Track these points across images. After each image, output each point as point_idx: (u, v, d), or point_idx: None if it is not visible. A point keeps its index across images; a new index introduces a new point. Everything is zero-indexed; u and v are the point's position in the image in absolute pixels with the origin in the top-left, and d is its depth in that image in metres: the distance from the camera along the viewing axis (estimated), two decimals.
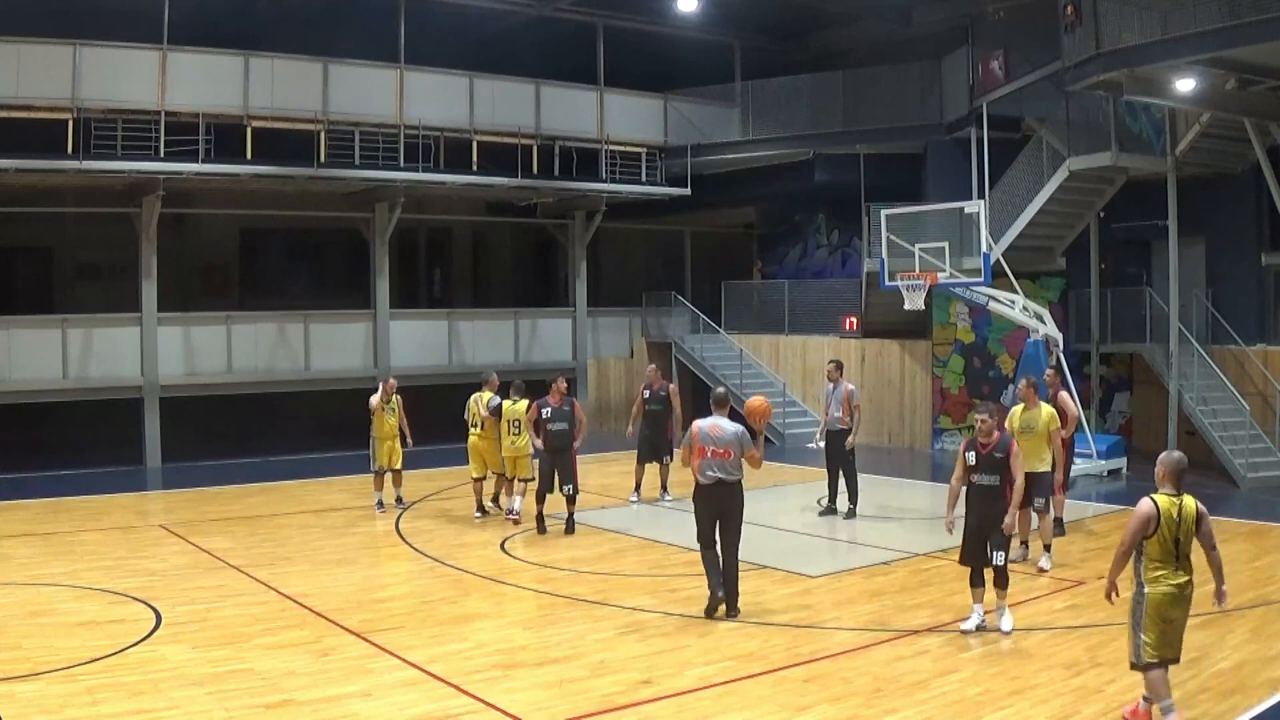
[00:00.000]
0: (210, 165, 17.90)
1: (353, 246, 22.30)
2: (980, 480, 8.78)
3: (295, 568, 11.14)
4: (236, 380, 19.52)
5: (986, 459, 8.77)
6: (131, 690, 7.32)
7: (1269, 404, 16.98)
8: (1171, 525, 6.60)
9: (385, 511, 14.09)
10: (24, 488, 15.85)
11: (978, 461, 8.79)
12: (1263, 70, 14.85)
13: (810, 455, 19.50)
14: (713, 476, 9.10)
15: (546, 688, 7.48)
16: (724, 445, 9.07)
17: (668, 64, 23.29)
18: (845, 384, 13.74)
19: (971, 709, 7.06)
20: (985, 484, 8.76)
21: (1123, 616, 9.04)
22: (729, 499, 9.15)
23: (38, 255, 21.59)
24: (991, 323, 19.34)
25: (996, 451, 8.77)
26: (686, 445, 9.37)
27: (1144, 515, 6.62)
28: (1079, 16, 15.34)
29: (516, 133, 20.99)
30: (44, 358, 17.87)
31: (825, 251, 24.64)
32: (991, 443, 8.80)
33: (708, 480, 9.12)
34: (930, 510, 13.72)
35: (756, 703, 7.21)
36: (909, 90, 21.69)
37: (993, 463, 8.75)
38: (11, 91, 16.49)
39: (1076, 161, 17.62)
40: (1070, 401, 12.44)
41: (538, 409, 12.78)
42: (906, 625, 8.96)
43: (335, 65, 19.27)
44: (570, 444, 12.76)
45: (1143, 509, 6.64)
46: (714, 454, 9.09)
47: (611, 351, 24.30)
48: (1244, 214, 18.05)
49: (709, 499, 9.19)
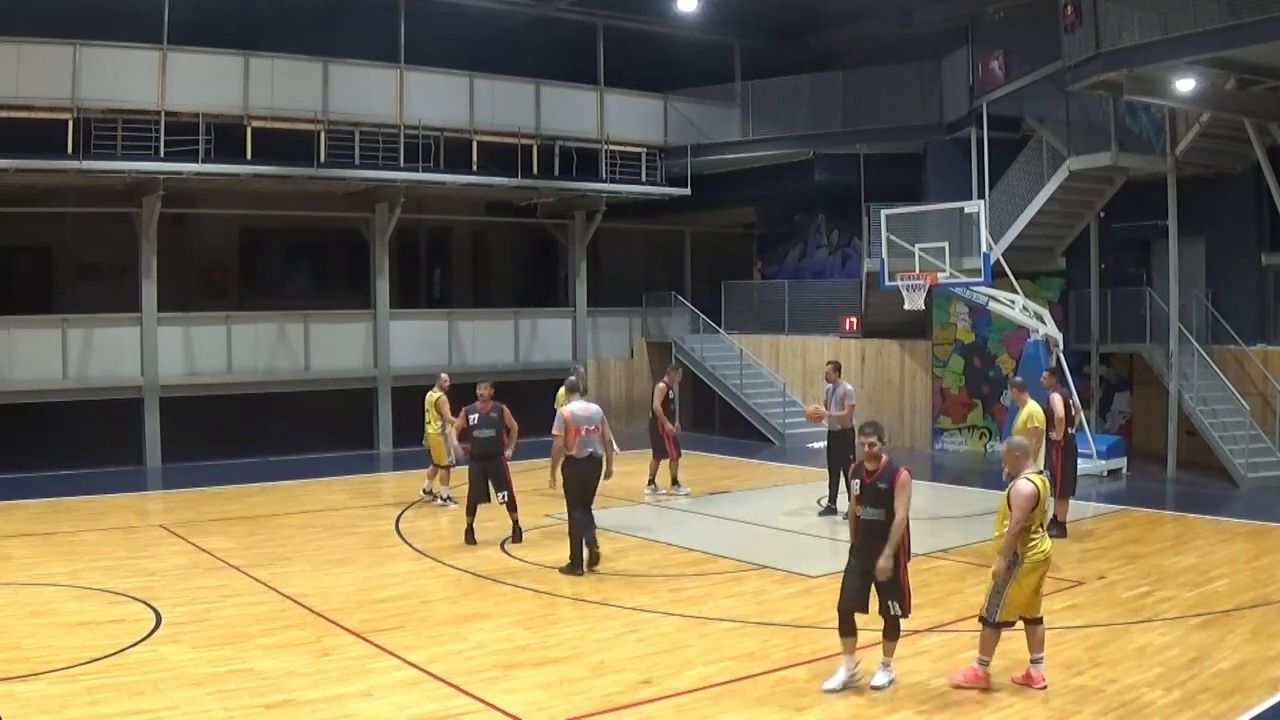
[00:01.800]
0: (210, 165, 17.90)
1: (353, 246, 22.30)
2: (865, 514, 7.51)
3: (295, 568, 11.14)
4: (236, 380, 19.52)
5: (870, 489, 7.45)
6: (131, 690, 7.33)
7: (1269, 404, 16.98)
8: (1045, 500, 7.41)
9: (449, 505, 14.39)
10: (24, 488, 15.85)
11: (862, 492, 7.53)
12: (1263, 70, 14.85)
13: (810, 455, 19.54)
14: (587, 451, 10.66)
15: (546, 688, 7.49)
16: (594, 423, 10.74)
17: (668, 64, 23.29)
18: (844, 384, 13.75)
19: (972, 709, 7.06)
20: (869, 519, 7.46)
21: (1125, 616, 9.09)
22: (598, 468, 10.82)
23: (38, 255, 21.60)
24: (991, 323, 19.34)
25: (880, 481, 7.40)
26: (561, 429, 10.68)
27: (1033, 494, 7.26)
28: (1079, 16, 15.34)
29: (516, 133, 20.99)
30: (44, 358, 17.86)
31: (825, 251, 24.64)
32: (877, 470, 7.46)
33: (584, 455, 10.66)
34: (930, 510, 13.72)
35: (756, 703, 7.21)
36: (909, 90, 21.69)
37: (876, 494, 7.42)
38: (11, 91, 16.48)
39: (1076, 161, 17.62)
40: (1059, 404, 12.17)
41: (465, 416, 12.35)
42: (906, 625, 8.94)
43: (335, 65, 19.27)
44: (500, 451, 12.24)
45: (1029, 489, 7.26)
46: (588, 432, 10.68)
47: (611, 351, 24.30)
48: (1244, 214, 18.04)
49: (585, 470, 10.70)
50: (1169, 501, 15.37)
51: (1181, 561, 11.17)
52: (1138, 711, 6.94)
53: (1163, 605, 9.45)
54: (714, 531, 12.98)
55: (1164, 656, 8.01)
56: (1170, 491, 16.11)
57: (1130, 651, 8.15)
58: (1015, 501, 7.23)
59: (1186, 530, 12.99)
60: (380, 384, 20.81)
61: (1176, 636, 8.51)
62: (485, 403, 12.38)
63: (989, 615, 7.35)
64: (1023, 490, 7.23)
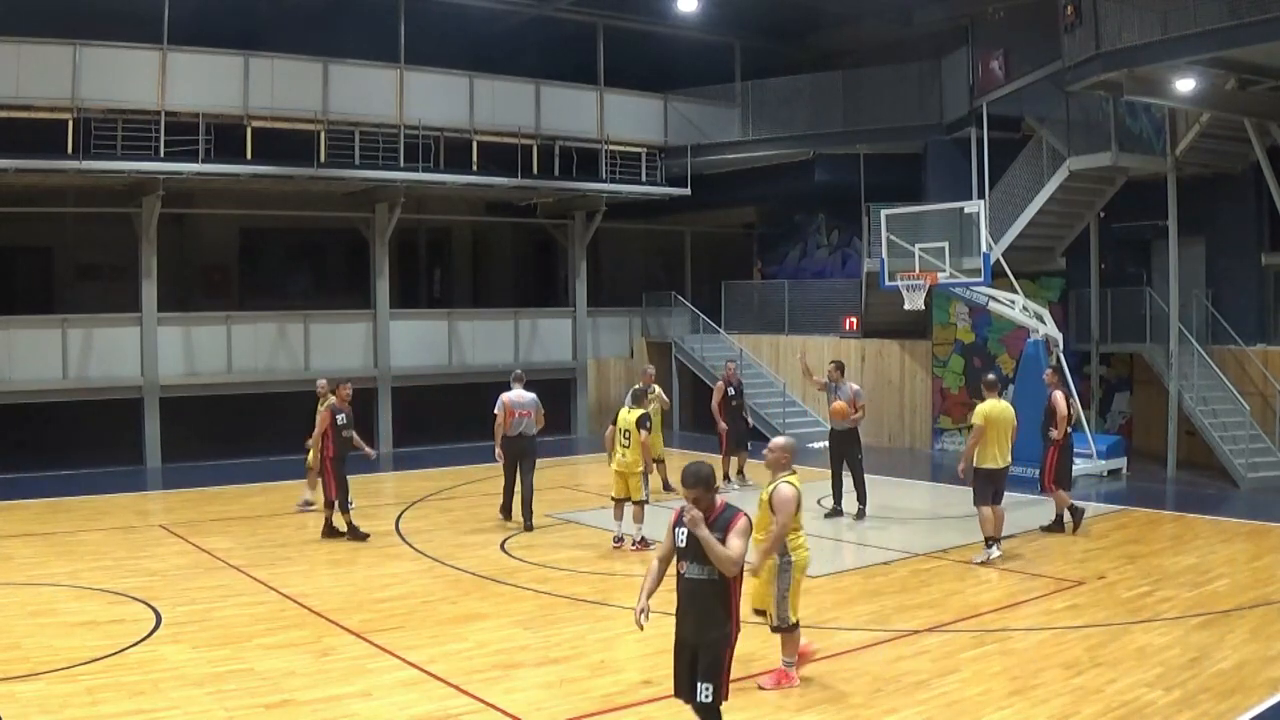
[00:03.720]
0: (210, 165, 17.90)
1: (353, 246, 22.30)
2: (688, 572, 5.76)
3: (295, 568, 11.14)
4: (236, 380, 19.52)
5: (693, 543, 5.68)
6: (131, 690, 7.33)
7: (1269, 404, 16.98)
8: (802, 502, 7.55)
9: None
10: (24, 488, 15.85)
11: (686, 544, 5.73)
12: (1263, 70, 14.85)
13: (810, 455, 19.53)
14: (518, 430, 12.84)
15: (546, 688, 7.49)
16: (526, 408, 12.91)
17: (668, 64, 23.29)
18: (849, 384, 13.71)
19: (971, 709, 7.06)
20: (693, 578, 5.75)
21: (1125, 616, 9.09)
22: (529, 446, 13.01)
23: (38, 255, 21.59)
24: (991, 323, 19.34)
25: (715, 530, 5.66)
26: (500, 411, 12.78)
27: (794, 497, 7.40)
28: (1079, 16, 15.34)
29: (516, 133, 20.99)
30: (44, 358, 17.86)
31: (825, 251, 24.64)
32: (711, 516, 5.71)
33: (515, 433, 12.85)
34: (930, 510, 13.72)
35: (756, 703, 7.21)
36: (909, 90, 21.69)
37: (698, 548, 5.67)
38: (11, 91, 16.48)
39: (1076, 161, 17.62)
40: (1061, 403, 12.46)
41: (331, 414, 12.35)
42: (906, 625, 8.96)
43: (335, 65, 19.27)
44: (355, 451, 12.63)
45: (791, 492, 7.40)
46: (521, 414, 12.85)
47: (611, 351, 24.29)
48: (1244, 214, 18.04)
49: (517, 447, 12.91)
50: (1169, 501, 15.37)
51: (1181, 561, 11.17)
52: (1138, 711, 6.93)
53: (1163, 605, 9.45)
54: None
55: (1164, 656, 8.00)
56: (1170, 491, 16.11)
57: (1130, 651, 8.14)
58: (778, 505, 7.36)
59: (1186, 530, 12.99)
60: (380, 384, 20.80)
61: (1176, 636, 8.51)
62: (346, 403, 12.51)
63: (782, 621, 7.53)
64: (784, 494, 7.37)
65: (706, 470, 5.74)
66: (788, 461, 7.58)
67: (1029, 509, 13.18)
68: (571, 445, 22.07)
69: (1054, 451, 12.42)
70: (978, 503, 11.28)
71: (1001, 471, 11.23)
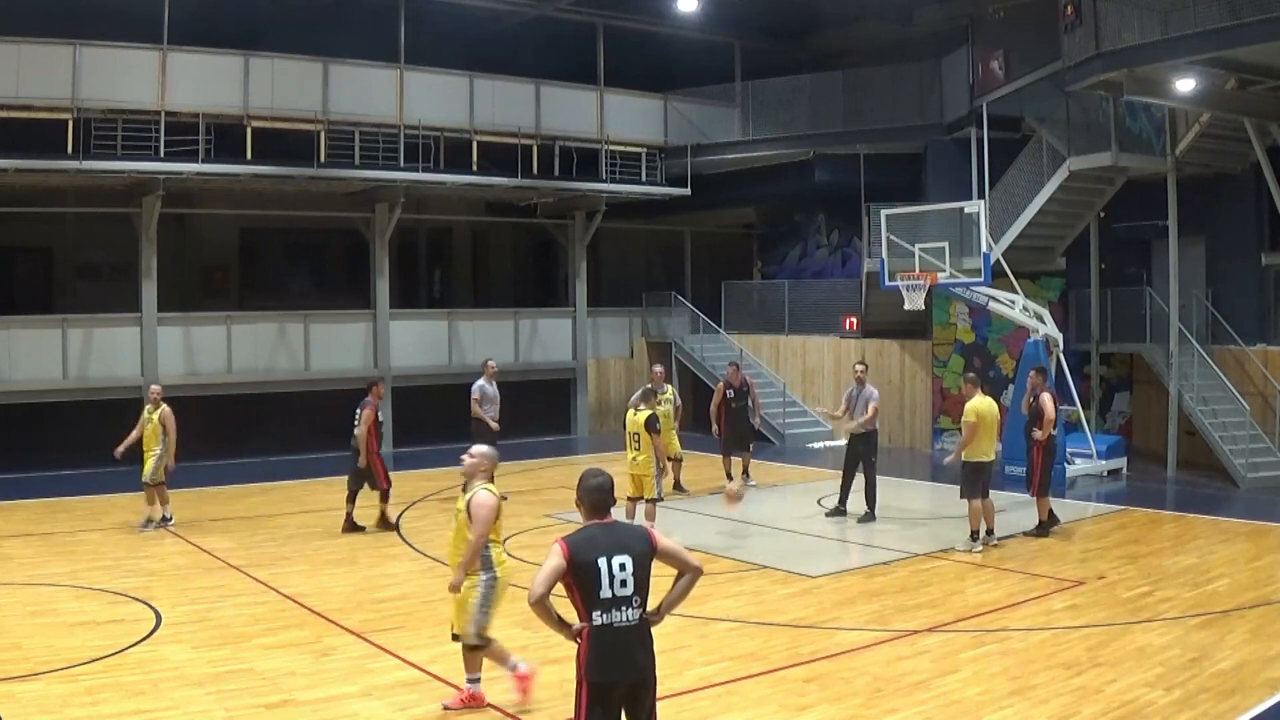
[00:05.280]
0: (210, 165, 17.90)
1: (353, 246, 22.30)
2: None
3: (295, 568, 11.14)
4: (236, 380, 19.51)
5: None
6: (131, 690, 7.32)
7: (1269, 404, 16.97)
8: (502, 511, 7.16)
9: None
10: (24, 488, 15.85)
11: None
12: (1263, 70, 14.85)
13: (810, 455, 19.55)
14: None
15: (546, 688, 7.48)
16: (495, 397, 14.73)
17: (668, 64, 23.28)
18: (870, 388, 13.72)
19: (971, 709, 7.06)
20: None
21: (1125, 616, 9.09)
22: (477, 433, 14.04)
23: (38, 255, 21.57)
24: (991, 323, 19.34)
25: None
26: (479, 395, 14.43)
27: (494, 504, 7.01)
28: (1079, 16, 15.34)
29: (516, 133, 20.98)
30: (44, 358, 17.85)
31: (825, 251, 24.63)
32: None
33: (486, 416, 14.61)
34: (930, 510, 13.73)
35: (756, 703, 7.21)
36: (909, 90, 21.68)
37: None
38: (11, 91, 16.47)
39: (1076, 161, 17.62)
40: (1049, 403, 12.52)
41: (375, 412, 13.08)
42: (906, 625, 8.96)
43: (335, 65, 19.26)
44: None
45: (491, 500, 6.99)
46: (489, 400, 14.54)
47: (611, 351, 24.29)
48: (1244, 214, 18.03)
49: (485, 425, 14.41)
50: (1169, 501, 15.37)
51: (1181, 561, 11.17)
52: (1138, 711, 6.93)
53: (1163, 605, 9.45)
54: (714, 531, 12.98)
55: (1164, 656, 8.00)
56: (1170, 491, 16.11)
57: (1130, 651, 8.14)
58: (476, 513, 6.93)
59: (1186, 530, 12.99)
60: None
61: (1176, 636, 8.51)
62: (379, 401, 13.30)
63: (475, 636, 7.05)
64: (483, 501, 6.94)
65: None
66: (488, 469, 7.14)
67: (1029, 509, 13.17)
68: (571, 445, 22.08)
69: (1039, 453, 12.44)
70: (968, 496, 11.73)
71: (991, 464, 11.98)
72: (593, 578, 4.86)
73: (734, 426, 16.00)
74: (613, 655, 4.86)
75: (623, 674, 4.88)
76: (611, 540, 4.95)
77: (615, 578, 4.86)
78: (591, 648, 4.87)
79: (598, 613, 4.86)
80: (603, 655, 4.85)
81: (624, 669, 4.88)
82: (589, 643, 4.88)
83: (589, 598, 4.87)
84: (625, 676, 4.89)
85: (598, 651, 4.86)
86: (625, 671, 4.89)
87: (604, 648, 4.85)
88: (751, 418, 16.32)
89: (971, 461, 11.77)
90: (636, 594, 4.90)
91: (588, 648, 4.88)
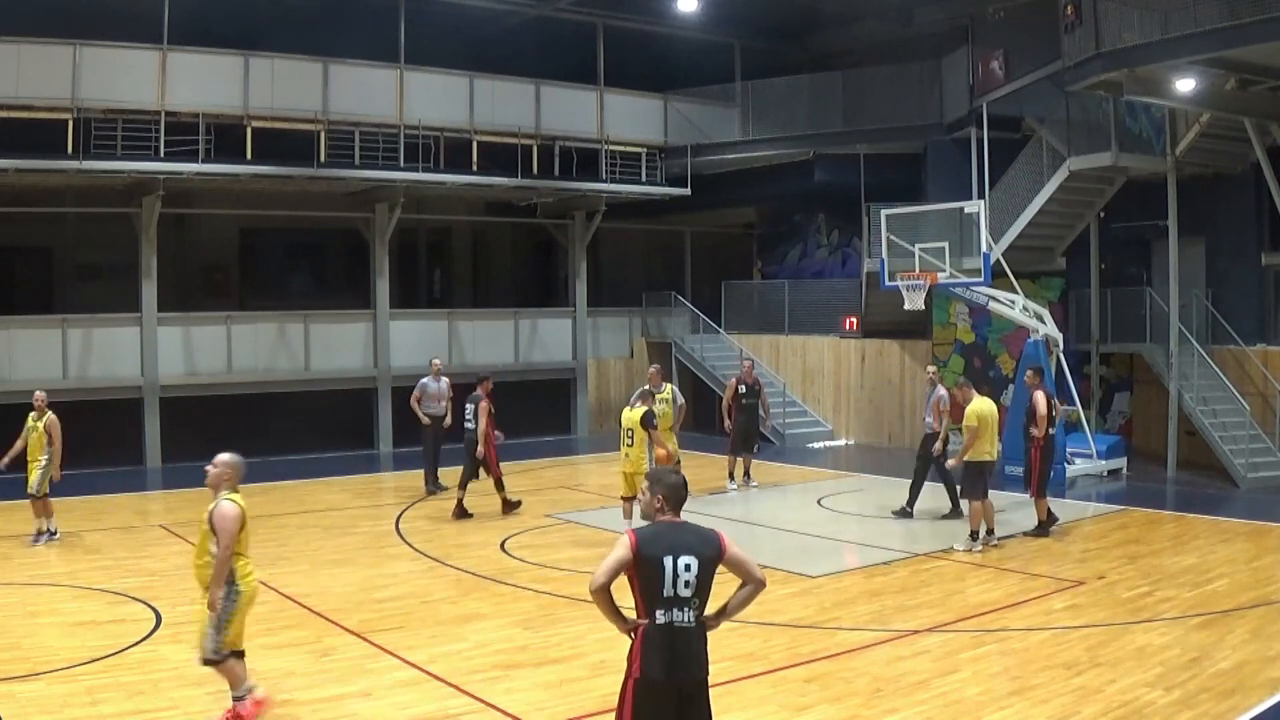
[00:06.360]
0: (210, 165, 17.90)
1: (353, 246, 22.29)
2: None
3: (295, 568, 11.14)
4: (236, 380, 19.52)
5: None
6: (131, 690, 7.32)
7: (1269, 404, 16.97)
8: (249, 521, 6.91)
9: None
10: (24, 488, 15.79)
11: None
12: (1263, 70, 14.84)
13: (811, 455, 19.55)
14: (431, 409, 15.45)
15: (546, 688, 7.48)
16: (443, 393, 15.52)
17: (668, 64, 23.28)
18: (940, 388, 13.73)
19: (971, 709, 7.06)
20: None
21: (1125, 616, 9.09)
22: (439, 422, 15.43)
23: (38, 255, 21.56)
24: (991, 323, 19.33)
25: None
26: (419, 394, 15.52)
27: (238, 514, 6.72)
28: (1079, 16, 15.34)
29: (516, 133, 20.98)
30: (44, 358, 17.85)
31: (825, 251, 24.64)
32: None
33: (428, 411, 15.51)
34: (931, 510, 13.72)
35: (756, 703, 7.21)
36: (909, 90, 21.68)
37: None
38: (11, 91, 16.47)
39: (1076, 161, 17.62)
40: (1043, 403, 12.49)
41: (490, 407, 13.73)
42: (906, 625, 8.96)
43: (335, 65, 19.26)
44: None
45: (233, 510, 6.72)
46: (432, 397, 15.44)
47: (611, 352, 24.29)
48: (1244, 214, 18.03)
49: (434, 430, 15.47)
50: (1169, 501, 15.37)
51: (1181, 561, 11.17)
52: (1138, 711, 6.93)
53: (1163, 605, 9.45)
54: None
55: (1164, 656, 8.00)
56: (1170, 491, 16.11)
57: (1130, 651, 8.14)
58: (219, 525, 6.64)
59: (1186, 530, 12.99)
60: (380, 384, 20.82)
61: (1176, 636, 8.51)
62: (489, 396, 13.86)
63: (215, 655, 6.68)
64: (226, 512, 6.69)
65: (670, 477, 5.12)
66: (231, 477, 6.91)
67: (1029, 509, 13.17)
68: (571, 445, 22.08)
69: (1036, 453, 12.46)
70: (970, 496, 11.85)
71: (993, 464, 12.17)
72: (657, 575, 4.81)
73: (743, 423, 16.13)
74: (673, 654, 4.82)
75: (683, 675, 4.85)
76: (680, 540, 4.90)
77: (679, 578, 4.81)
78: (650, 645, 4.82)
79: (660, 611, 4.83)
80: (663, 654, 4.81)
81: (684, 669, 4.85)
82: (648, 640, 4.82)
83: (651, 594, 4.83)
84: (685, 677, 4.86)
85: (658, 650, 4.82)
86: (686, 672, 4.86)
87: (664, 647, 4.80)
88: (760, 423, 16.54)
89: (974, 461, 11.87)
90: (696, 596, 4.85)
91: (645, 644, 4.82)
